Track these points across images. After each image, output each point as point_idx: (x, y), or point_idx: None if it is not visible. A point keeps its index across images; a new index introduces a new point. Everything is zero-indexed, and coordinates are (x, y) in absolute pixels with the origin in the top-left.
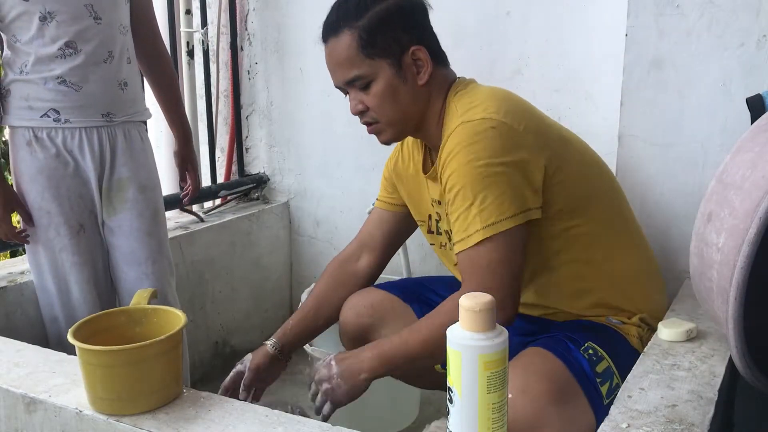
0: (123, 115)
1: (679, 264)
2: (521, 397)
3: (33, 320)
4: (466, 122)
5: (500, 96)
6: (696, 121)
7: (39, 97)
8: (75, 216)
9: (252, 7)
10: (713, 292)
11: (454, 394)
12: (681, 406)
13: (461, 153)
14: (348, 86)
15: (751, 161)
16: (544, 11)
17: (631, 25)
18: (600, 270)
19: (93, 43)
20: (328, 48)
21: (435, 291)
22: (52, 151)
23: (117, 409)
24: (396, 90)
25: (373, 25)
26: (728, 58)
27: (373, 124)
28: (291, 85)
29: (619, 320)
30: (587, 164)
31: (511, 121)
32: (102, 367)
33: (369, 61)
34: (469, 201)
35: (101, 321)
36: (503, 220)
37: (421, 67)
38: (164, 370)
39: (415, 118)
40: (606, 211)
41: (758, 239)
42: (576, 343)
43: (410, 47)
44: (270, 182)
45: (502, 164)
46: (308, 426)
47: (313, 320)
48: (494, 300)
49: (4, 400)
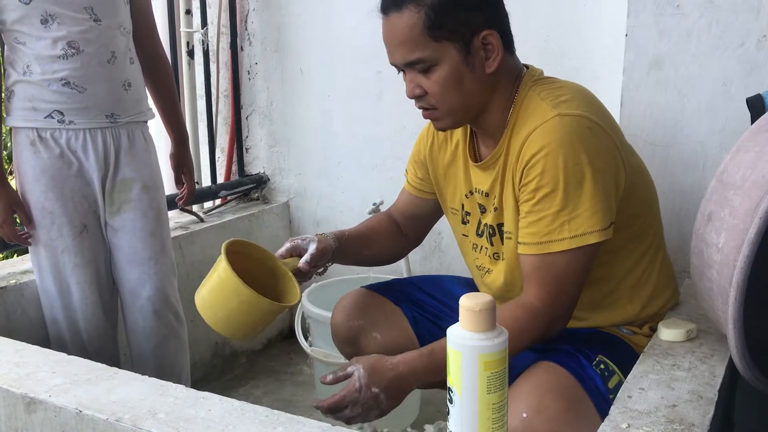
0: (127, 115)
1: (679, 264)
2: (537, 418)
3: (33, 320)
4: (563, 115)
5: (589, 95)
6: (696, 121)
7: (43, 99)
8: (78, 216)
9: (252, 7)
10: (713, 292)
11: (454, 394)
12: (681, 406)
13: (558, 151)
14: (406, 67)
15: (751, 161)
16: (544, 11)
17: (631, 25)
18: (620, 285)
19: (95, 45)
20: (387, 22)
21: (426, 291)
22: (55, 151)
23: (218, 327)
24: (461, 77)
25: (444, 3)
26: (728, 58)
27: (430, 110)
28: (291, 85)
29: (630, 330)
30: (646, 186)
31: (604, 124)
32: (239, 301)
33: (434, 44)
34: (560, 206)
35: (247, 246)
36: (592, 233)
37: (491, 53)
38: (264, 322)
39: (478, 107)
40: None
41: (758, 239)
42: (588, 358)
43: (482, 31)
44: (270, 182)
45: (599, 170)
46: (308, 426)
47: (363, 245)
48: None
49: (4, 400)
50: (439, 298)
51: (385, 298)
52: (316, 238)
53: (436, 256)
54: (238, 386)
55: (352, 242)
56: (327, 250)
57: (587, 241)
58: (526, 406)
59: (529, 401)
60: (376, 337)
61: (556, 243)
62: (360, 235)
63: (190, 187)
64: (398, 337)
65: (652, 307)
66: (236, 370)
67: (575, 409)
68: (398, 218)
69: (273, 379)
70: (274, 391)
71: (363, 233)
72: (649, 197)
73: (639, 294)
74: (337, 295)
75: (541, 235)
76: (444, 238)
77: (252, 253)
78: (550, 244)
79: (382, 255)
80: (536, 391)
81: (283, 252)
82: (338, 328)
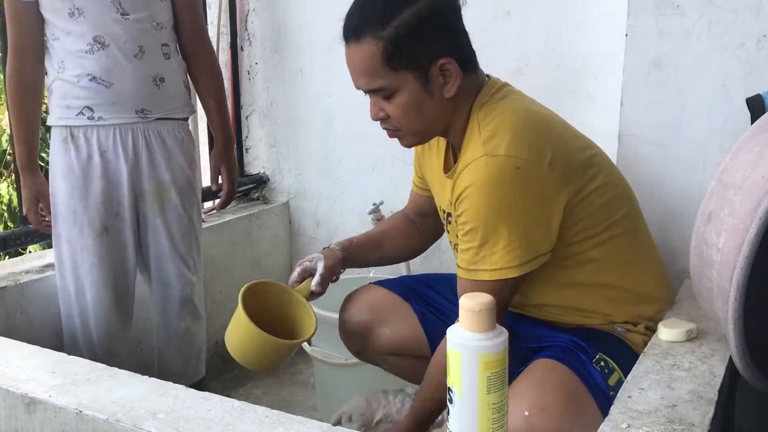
0: (159, 111)
1: (679, 264)
2: (539, 415)
3: (33, 320)
4: (490, 156)
5: (525, 123)
6: (696, 121)
7: (74, 95)
8: (100, 218)
9: (252, 7)
10: (713, 292)
11: (454, 394)
12: (681, 406)
13: (480, 192)
14: (369, 93)
15: (751, 161)
16: (544, 11)
17: (631, 25)
18: (608, 292)
19: (121, 39)
20: (348, 51)
21: (435, 289)
22: (84, 151)
23: (245, 364)
24: (421, 103)
25: (401, 35)
26: (728, 58)
27: (394, 131)
28: (291, 85)
29: (624, 329)
30: (609, 190)
31: (536, 157)
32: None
33: (394, 73)
34: (480, 242)
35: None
36: (511, 268)
37: (449, 78)
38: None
39: (440, 128)
40: (621, 237)
41: (758, 239)
42: (588, 355)
43: (439, 59)
44: (270, 182)
45: (521, 209)
46: (308, 426)
47: (374, 249)
48: (494, 300)
49: (4, 400)
50: (448, 297)
51: (394, 294)
52: (323, 255)
53: (435, 256)
54: (238, 386)
55: (361, 249)
56: (336, 264)
57: (506, 275)
58: (528, 404)
59: (531, 399)
60: (385, 333)
61: (480, 272)
62: (369, 240)
63: (228, 190)
64: (407, 334)
65: (645, 310)
66: (236, 370)
67: (577, 407)
68: (412, 216)
69: (273, 379)
70: (274, 391)
71: (373, 237)
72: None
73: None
74: (337, 294)
75: (469, 263)
76: (444, 237)
77: (269, 289)
78: (477, 272)
79: (397, 254)
80: (538, 389)
81: (295, 277)
82: (347, 323)
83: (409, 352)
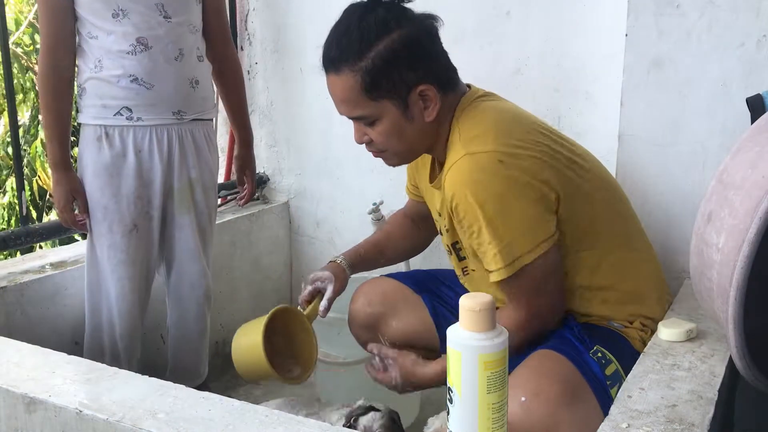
0: (193, 112)
1: (679, 264)
2: (535, 400)
3: (33, 320)
4: (472, 154)
5: (505, 120)
6: (696, 121)
7: (112, 95)
8: (130, 216)
9: (252, 7)
10: (713, 292)
11: (454, 394)
12: (681, 406)
13: (471, 191)
14: (352, 119)
15: (751, 161)
16: (544, 11)
17: (631, 25)
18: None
19: (164, 42)
20: (328, 80)
21: (446, 284)
22: (118, 149)
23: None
24: (402, 128)
25: (377, 66)
26: (728, 58)
27: (379, 152)
28: (291, 85)
29: (621, 324)
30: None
31: (518, 150)
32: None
33: (373, 103)
34: (488, 239)
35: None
36: (521, 257)
37: (429, 103)
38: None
39: (424, 147)
40: (612, 239)
41: (758, 239)
42: (585, 345)
43: (417, 86)
44: (270, 182)
45: (515, 196)
46: (308, 426)
47: (378, 255)
48: (494, 301)
49: (4, 400)
50: (460, 291)
51: (406, 286)
52: (333, 276)
53: (436, 256)
54: (238, 386)
55: (366, 260)
56: (344, 285)
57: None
58: (524, 390)
59: (527, 385)
60: (395, 325)
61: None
62: (374, 247)
63: (251, 188)
64: (417, 325)
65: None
66: None
67: (573, 393)
68: (411, 216)
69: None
70: (274, 391)
71: (378, 243)
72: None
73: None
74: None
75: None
76: None
77: (290, 313)
78: (498, 271)
79: (400, 255)
80: (534, 376)
81: (305, 296)
82: (358, 314)
83: (419, 343)
